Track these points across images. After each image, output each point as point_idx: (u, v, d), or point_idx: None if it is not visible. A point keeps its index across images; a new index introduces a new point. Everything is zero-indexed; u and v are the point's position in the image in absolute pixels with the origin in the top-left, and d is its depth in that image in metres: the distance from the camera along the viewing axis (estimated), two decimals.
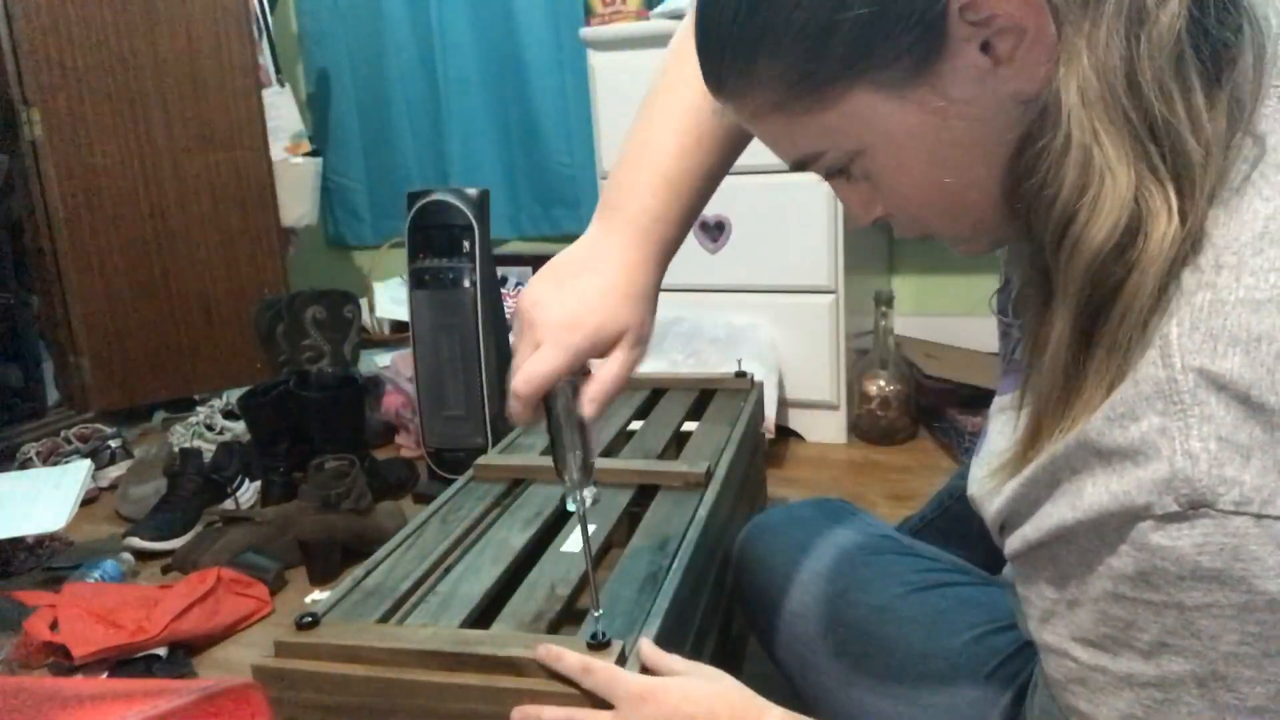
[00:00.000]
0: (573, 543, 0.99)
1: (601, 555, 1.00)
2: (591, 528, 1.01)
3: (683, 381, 1.53)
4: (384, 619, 0.86)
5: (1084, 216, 0.46)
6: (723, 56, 0.55)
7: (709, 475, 1.12)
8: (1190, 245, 0.45)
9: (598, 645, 0.74)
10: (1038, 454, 0.50)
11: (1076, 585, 0.48)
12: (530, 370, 0.72)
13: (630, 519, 1.07)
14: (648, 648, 0.74)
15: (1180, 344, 0.43)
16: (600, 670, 0.70)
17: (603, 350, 0.77)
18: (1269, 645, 0.40)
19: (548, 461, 1.18)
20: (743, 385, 1.49)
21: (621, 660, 0.74)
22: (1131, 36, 0.46)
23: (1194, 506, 0.41)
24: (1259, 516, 0.40)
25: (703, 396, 1.47)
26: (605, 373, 0.76)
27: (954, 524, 1.09)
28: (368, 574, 0.94)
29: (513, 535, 1.01)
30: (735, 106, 0.58)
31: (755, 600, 1.04)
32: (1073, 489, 0.47)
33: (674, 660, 0.73)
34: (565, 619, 0.88)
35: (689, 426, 1.36)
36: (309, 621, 0.82)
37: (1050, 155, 0.48)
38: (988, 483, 0.55)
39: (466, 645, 0.77)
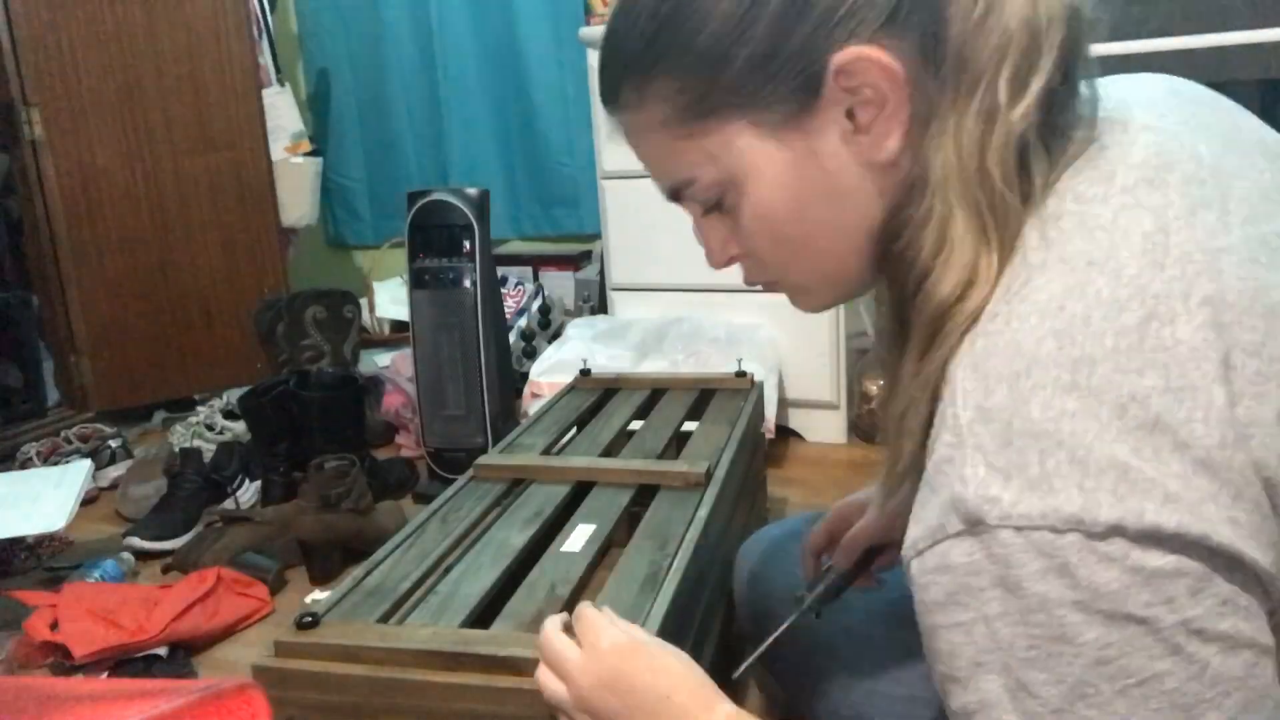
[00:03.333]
0: (573, 543, 0.99)
1: (601, 554, 1.00)
2: (591, 527, 1.01)
3: (682, 381, 1.53)
4: (384, 619, 0.86)
5: (936, 274, 0.52)
6: (624, 69, 0.60)
7: (709, 475, 1.12)
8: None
9: None
10: (897, 485, 0.57)
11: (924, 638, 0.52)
12: None
13: (631, 519, 1.06)
14: (589, 611, 0.72)
15: (963, 385, 0.49)
16: (587, 616, 0.70)
17: None
18: (1047, 645, 0.45)
19: (547, 461, 1.18)
20: (743, 385, 1.49)
21: None
22: (986, 131, 0.52)
23: (971, 524, 0.46)
24: (1018, 529, 0.45)
25: (702, 396, 1.47)
26: None
27: None
28: (368, 574, 0.94)
29: (513, 535, 1.01)
30: (626, 119, 0.62)
31: (753, 614, 1.05)
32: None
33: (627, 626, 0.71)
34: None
35: (689, 426, 1.36)
36: (309, 622, 0.82)
37: (916, 221, 0.54)
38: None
39: (466, 645, 0.77)
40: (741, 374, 1.51)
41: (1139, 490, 0.43)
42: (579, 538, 0.99)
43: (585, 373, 1.57)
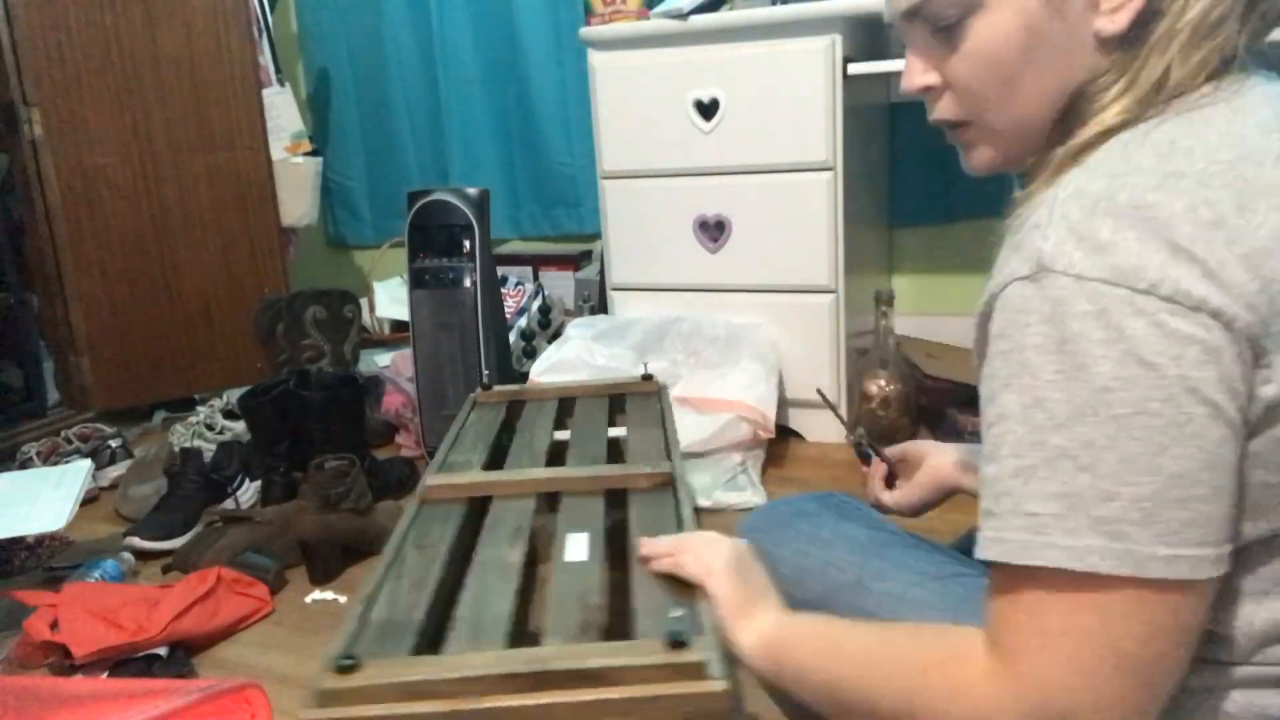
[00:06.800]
0: (574, 552, 0.96)
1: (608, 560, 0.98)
2: (584, 535, 0.99)
3: (589, 388, 1.50)
4: (417, 651, 0.79)
5: (1100, 117, 0.61)
6: None
7: (673, 474, 1.10)
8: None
9: (678, 645, 0.72)
10: None
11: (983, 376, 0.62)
12: None
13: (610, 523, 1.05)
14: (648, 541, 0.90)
15: (1074, 177, 0.59)
16: (689, 537, 0.88)
17: None
18: (1069, 370, 0.55)
19: (502, 476, 1.13)
20: (651, 388, 1.47)
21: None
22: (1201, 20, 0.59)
23: (1040, 269, 0.57)
24: (1077, 278, 0.55)
25: (614, 402, 1.44)
26: None
27: None
28: (368, 610, 0.86)
29: (506, 552, 0.97)
30: None
31: None
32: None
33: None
34: (614, 627, 0.84)
35: (614, 431, 1.33)
36: (349, 664, 0.73)
37: (1101, 86, 0.62)
38: None
39: (546, 663, 0.72)
40: (648, 377, 1.50)
41: (1183, 263, 0.53)
42: (578, 547, 0.97)
43: (486, 386, 1.53)
